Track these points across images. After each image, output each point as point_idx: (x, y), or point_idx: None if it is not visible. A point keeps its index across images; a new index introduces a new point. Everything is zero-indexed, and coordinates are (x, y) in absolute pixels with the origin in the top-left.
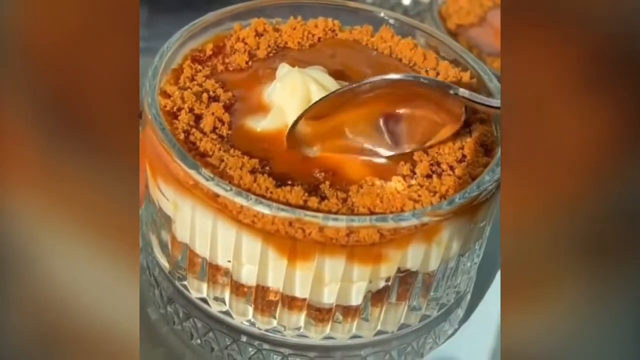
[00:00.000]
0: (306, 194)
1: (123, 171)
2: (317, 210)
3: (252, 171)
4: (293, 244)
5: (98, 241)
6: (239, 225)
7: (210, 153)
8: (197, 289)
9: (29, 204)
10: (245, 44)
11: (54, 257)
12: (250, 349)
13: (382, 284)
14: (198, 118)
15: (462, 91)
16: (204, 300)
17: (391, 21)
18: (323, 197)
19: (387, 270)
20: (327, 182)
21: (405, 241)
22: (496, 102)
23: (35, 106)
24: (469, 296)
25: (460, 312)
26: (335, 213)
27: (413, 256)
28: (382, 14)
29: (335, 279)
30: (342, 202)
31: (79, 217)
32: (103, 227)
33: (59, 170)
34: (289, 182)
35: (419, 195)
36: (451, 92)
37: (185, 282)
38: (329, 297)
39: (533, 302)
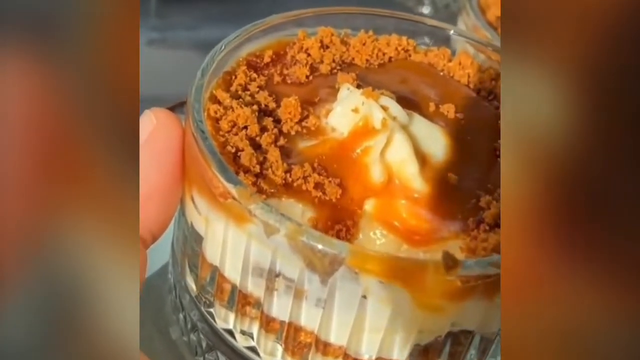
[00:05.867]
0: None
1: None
2: None
3: None
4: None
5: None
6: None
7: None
8: (224, 319)
9: None
10: (308, 55)
11: None
12: None
13: (430, 338)
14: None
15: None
16: (230, 332)
17: (470, 45)
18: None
19: (437, 322)
20: None
21: (462, 293)
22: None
23: None
24: None
25: None
26: None
27: (470, 313)
28: (457, 36)
29: (377, 328)
30: None
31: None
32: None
33: None
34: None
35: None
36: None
37: (211, 310)
38: (368, 348)
39: None
